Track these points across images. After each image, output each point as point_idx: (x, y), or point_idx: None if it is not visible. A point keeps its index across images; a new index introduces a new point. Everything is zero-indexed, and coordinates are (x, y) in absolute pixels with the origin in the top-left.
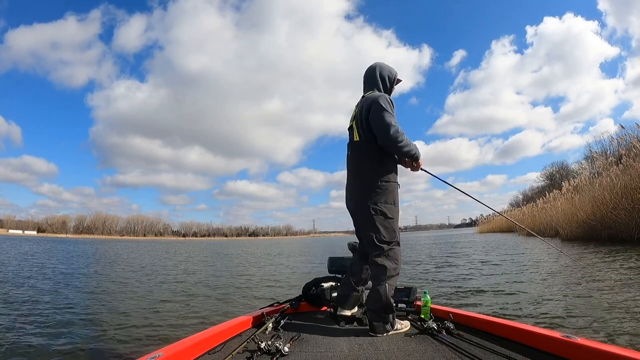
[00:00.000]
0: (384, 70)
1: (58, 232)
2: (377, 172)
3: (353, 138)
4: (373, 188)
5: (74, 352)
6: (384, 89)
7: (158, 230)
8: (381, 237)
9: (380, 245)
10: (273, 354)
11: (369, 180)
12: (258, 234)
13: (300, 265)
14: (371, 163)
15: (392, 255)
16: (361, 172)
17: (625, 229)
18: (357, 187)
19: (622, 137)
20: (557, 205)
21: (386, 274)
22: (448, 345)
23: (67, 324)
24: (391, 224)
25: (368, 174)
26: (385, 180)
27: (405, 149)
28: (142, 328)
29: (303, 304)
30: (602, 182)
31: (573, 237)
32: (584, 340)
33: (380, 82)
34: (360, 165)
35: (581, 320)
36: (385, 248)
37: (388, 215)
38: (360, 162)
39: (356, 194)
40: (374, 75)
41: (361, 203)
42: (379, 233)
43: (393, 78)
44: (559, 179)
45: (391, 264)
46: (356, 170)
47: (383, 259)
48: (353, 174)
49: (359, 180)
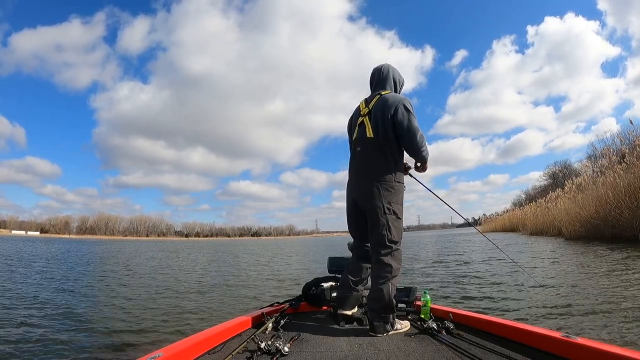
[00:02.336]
0: (396, 73)
1: (61, 233)
2: (392, 172)
3: (365, 134)
4: (387, 187)
5: (74, 352)
6: (395, 91)
7: (161, 230)
8: (392, 237)
9: (389, 245)
10: (273, 354)
11: (383, 179)
12: (261, 234)
13: (300, 266)
14: (387, 162)
15: (397, 255)
16: (374, 169)
17: (628, 227)
18: (368, 184)
19: (625, 136)
20: (560, 204)
21: (391, 274)
22: (448, 345)
23: (67, 323)
24: (400, 225)
25: (382, 172)
26: (398, 180)
27: (424, 154)
28: (142, 328)
29: (303, 304)
30: (605, 181)
31: (576, 236)
32: (583, 340)
33: (393, 83)
34: (374, 163)
35: (583, 319)
36: (393, 248)
37: (399, 215)
38: (374, 159)
39: (368, 192)
40: (388, 75)
41: (373, 202)
42: (390, 233)
43: (402, 83)
44: (561, 178)
45: (396, 264)
46: (368, 166)
47: (389, 258)
48: (364, 171)
49: (372, 178)
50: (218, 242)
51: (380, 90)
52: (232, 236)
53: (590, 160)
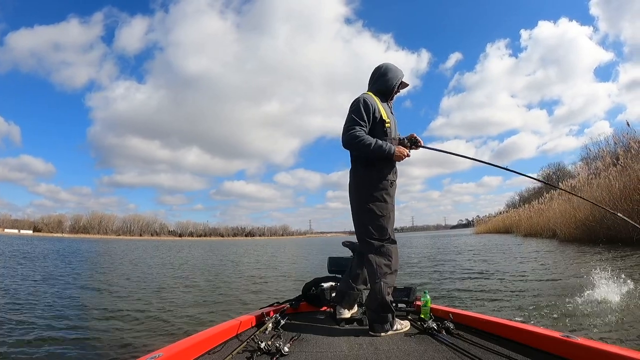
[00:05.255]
0: (388, 71)
1: (54, 232)
2: (368, 169)
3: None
4: (364, 185)
5: (74, 352)
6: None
7: (154, 230)
8: (371, 234)
9: (370, 242)
10: (273, 354)
11: (361, 177)
12: (254, 234)
13: (296, 266)
14: (364, 160)
15: (384, 252)
16: (355, 170)
17: (624, 230)
18: (351, 185)
19: (619, 138)
20: (555, 206)
21: (378, 272)
22: (448, 345)
23: (68, 323)
24: (382, 221)
25: (360, 171)
26: (376, 177)
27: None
28: (142, 328)
29: (303, 304)
30: (600, 183)
31: (571, 238)
32: (583, 340)
33: (370, 82)
34: (355, 164)
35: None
36: (376, 245)
37: (377, 212)
38: (354, 161)
39: (351, 192)
40: (370, 76)
41: (353, 200)
42: (367, 230)
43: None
44: (555, 180)
45: (383, 261)
46: (352, 169)
47: (375, 256)
48: (350, 173)
49: (353, 178)
50: (211, 242)
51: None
52: (225, 236)
53: (584, 163)
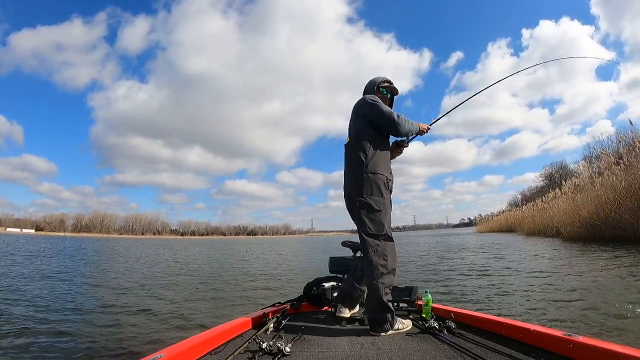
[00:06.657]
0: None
1: (56, 231)
2: (364, 165)
3: (347, 141)
4: (360, 181)
5: (74, 352)
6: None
7: (156, 229)
8: (367, 230)
9: (367, 240)
10: (275, 354)
11: (357, 174)
12: (256, 232)
13: (297, 266)
14: (359, 157)
15: (380, 251)
16: (351, 168)
17: (629, 228)
18: (347, 183)
19: (622, 136)
20: (558, 205)
21: (375, 272)
22: (450, 345)
23: (68, 323)
24: (378, 217)
25: (356, 168)
26: (371, 172)
27: (406, 126)
28: (143, 329)
29: (304, 304)
30: (604, 182)
31: (575, 236)
32: (585, 339)
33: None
34: (350, 162)
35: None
36: (373, 243)
37: (374, 207)
38: (350, 159)
39: (348, 190)
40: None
41: (349, 198)
42: (364, 226)
43: (375, 85)
44: (558, 179)
45: (380, 261)
46: (347, 167)
47: (372, 255)
48: (346, 172)
49: (349, 176)
50: (214, 240)
51: None
52: (227, 235)
53: (587, 161)
